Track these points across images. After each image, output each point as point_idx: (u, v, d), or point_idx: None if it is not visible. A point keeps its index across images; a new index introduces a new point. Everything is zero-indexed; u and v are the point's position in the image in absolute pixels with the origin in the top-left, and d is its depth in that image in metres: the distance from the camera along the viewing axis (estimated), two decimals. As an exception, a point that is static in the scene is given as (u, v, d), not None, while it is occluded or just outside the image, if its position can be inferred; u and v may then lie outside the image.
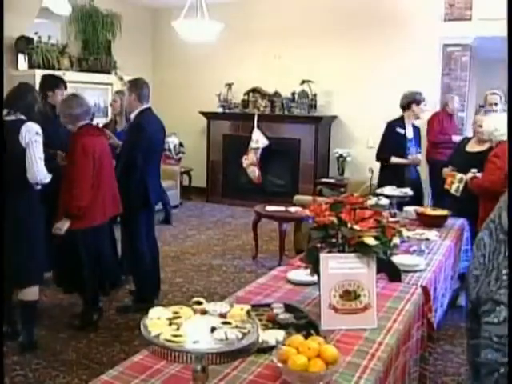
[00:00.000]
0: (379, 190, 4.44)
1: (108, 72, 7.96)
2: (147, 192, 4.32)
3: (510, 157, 3.85)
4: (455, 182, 4.49)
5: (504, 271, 1.17)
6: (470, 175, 4.35)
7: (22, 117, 3.58)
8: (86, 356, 3.67)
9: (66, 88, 4.72)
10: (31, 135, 3.49)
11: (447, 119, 7.25)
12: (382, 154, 5.28)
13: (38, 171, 3.51)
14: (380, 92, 7.73)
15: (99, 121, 6.26)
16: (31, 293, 3.73)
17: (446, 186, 4.57)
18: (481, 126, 4.55)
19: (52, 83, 4.67)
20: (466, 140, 4.86)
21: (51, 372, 3.44)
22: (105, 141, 4.08)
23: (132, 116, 4.45)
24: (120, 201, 4.12)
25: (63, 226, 3.78)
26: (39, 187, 3.64)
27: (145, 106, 4.37)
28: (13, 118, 3.57)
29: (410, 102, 5.23)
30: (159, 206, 6.70)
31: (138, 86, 4.38)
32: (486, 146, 4.57)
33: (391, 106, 5.56)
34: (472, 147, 4.69)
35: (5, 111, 3.58)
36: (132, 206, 4.22)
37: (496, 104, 5.72)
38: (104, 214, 4.00)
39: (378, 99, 7.72)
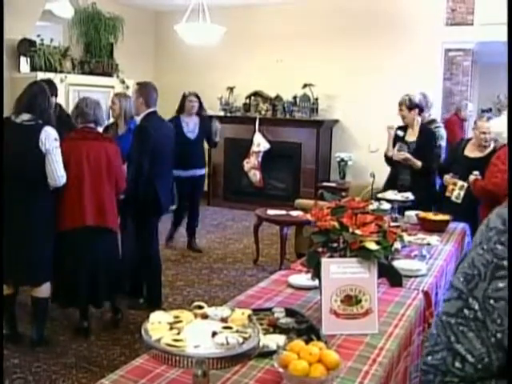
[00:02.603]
0: (380, 195, 4.44)
1: (110, 75, 7.96)
2: (157, 196, 4.33)
3: (510, 158, 3.87)
4: (456, 189, 4.48)
5: (463, 264, 1.20)
6: (472, 177, 4.33)
7: (40, 121, 3.60)
8: (86, 359, 3.66)
9: (56, 93, 4.74)
10: (51, 141, 3.55)
11: (458, 125, 7.20)
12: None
13: (61, 176, 3.60)
14: (382, 96, 7.73)
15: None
16: (43, 290, 3.80)
17: (448, 194, 4.55)
18: (484, 133, 4.52)
19: None
20: (464, 143, 4.84)
21: (51, 375, 3.44)
22: (98, 145, 3.89)
23: (138, 119, 4.46)
24: (105, 212, 3.89)
25: None
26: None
27: (151, 109, 4.39)
28: (32, 123, 3.58)
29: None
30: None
31: (146, 90, 4.41)
32: (486, 152, 4.55)
33: (393, 111, 5.54)
34: (471, 152, 4.66)
35: (26, 116, 3.59)
36: (142, 210, 4.20)
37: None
38: (73, 221, 3.79)
39: (379, 103, 7.72)
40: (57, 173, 3.58)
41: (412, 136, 5.02)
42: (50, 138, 3.56)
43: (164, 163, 4.47)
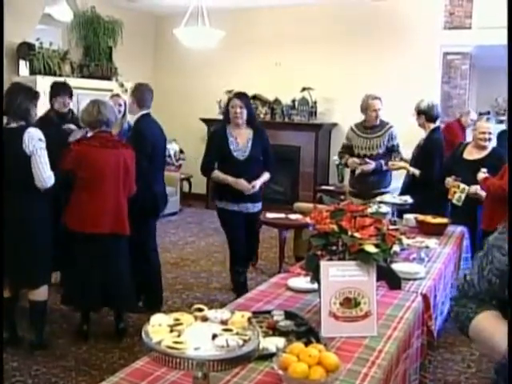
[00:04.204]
0: (379, 198, 4.46)
1: (109, 78, 7.98)
2: (156, 198, 4.35)
3: (510, 159, 3.88)
4: (458, 191, 4.48)
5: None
6: (481, 175, 4.31)
7: (22, 122, 3.56)
8: (85, 362, 3.66)
9: (69, 95, 4.73)
10: (34, 142, 3.51)
11: (460, 130, 7.18)
12: None
13: (47, 177, 3.56)
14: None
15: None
16: (41, 293, 3.79)
17: (449, 197, 4.56)
18: (483, 133, 4.54)
19: (54, 91, 4.71)
20: (462, 147, 4.85)
21: (51, 378, 3.43)
22: (118, 153, 3.87)
23: (132, 121, 4.47)
24: (121, 219, 3.91)
25: None
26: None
27: (144, 111, 4.38)
28: (14, 125, 3.55)
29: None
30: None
31: (138, 91, 4.39)
32: (484, 154, 4.57)
33: (391, 114, 5.54)
34: (470, 154, 4.67)
35: (4, 119, 3.56)
36: (140, 211, 4.19)
37: (379, 109, 5.15)
38: (90, 226, 3.78)
39: (378, 107, 7.73)
40: (42, 174, 3.53)
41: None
42: (33, 139, 3.50)
43: (159, 165, 4.49)
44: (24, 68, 7.12)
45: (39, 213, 3.69)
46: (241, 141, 4.38)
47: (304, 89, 8.28)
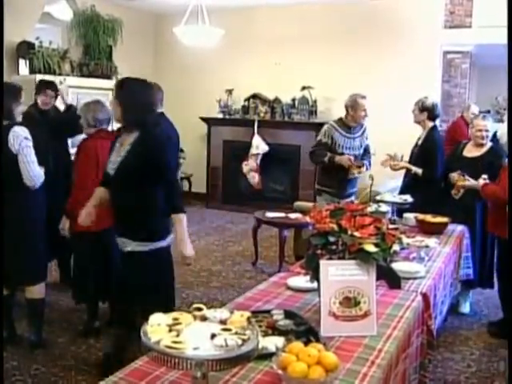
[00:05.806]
0: (379, 197, 4.45)
1: (109, 77, 7.97)
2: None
3: (510, 159, 3.87)
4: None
5: None
6: (481, 182, 4.32)
7: (8, 121, 3.54)
8: (85, 361, 3.66)
9: (51, 93, 4.79)
10: (20, 141, 3.48)
11: (465, 127, 7.17)
12: None
13: (34, 176, 3.54)
14: (380, 99, 7.73)
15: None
16: (37, 290, 3.79)
17: (455, 191, 4.56)
18: (480, 131, 4.56)
19: (37, 88, 4.77)
20: (463, 145, 4.86)
21: (50, 377, 3.43)
22: None
23: None
24: None
25: (63, 224, 3.87)
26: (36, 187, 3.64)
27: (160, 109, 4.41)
28: None
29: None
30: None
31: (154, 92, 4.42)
32: (483, 151, 4.58)
33: (391, 113, 5.54)
34: (469, 152, 4.69)
35: None
36: None
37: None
38: (100, 221, 3.70)
39: (378, 106, 7.71)
40: (30, 173, 3.51)
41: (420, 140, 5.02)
42: (18, 138, 3.48)
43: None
44: (24, 67, 7.11)
45: (33, 211, 3.68)
46: (125, 147, 3.12)
47: (304, 88, 8.28)
